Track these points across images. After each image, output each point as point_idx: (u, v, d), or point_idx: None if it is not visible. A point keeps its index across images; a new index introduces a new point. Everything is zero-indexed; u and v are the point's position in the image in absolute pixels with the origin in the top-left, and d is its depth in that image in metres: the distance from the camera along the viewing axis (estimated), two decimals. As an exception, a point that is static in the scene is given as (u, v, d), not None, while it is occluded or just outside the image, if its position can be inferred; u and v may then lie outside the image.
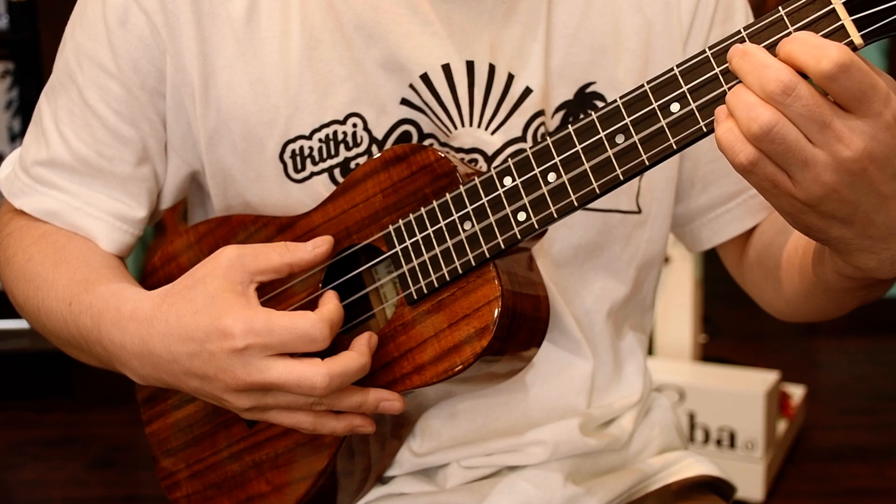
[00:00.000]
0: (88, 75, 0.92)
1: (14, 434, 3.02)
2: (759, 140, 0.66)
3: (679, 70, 0.72)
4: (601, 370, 1.01)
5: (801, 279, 0.90)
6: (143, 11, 0.89)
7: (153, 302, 0.83)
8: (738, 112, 0.67)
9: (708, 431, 2.52)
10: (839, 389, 3.31)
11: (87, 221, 0.95)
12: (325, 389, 0.77)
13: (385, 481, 0.98)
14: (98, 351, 0.88)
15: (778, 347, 3.68)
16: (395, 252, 0.85)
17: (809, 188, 0.67)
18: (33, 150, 0.97)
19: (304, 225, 0.90)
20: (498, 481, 0.96)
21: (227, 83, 0.89)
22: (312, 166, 0.91)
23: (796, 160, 0.66)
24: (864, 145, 0.65)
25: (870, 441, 2.92)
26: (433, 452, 0.96)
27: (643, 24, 0.94)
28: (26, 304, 0.95)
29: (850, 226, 0.70)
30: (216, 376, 0.79)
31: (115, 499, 2.69)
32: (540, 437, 0.97)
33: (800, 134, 0.66)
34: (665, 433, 1.07)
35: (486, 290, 0.81)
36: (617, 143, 0.75)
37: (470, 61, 0.90)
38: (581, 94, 0.94)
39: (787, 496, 2.60)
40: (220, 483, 0.94)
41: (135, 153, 0.95)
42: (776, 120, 0.65)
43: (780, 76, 0.65)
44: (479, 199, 0.81)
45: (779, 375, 2.60)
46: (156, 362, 0.82)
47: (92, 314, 0.87)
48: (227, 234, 0.95)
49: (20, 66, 3.19)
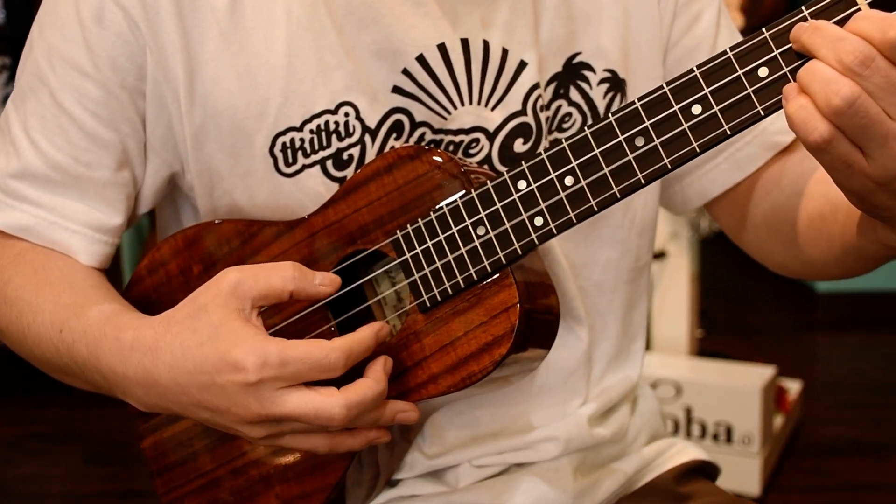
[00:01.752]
0: (62, 77, 0.88)
1: (12, 429, 3.03)
2: (839, 115, 0.64)
3: (700, 71, 0.72)
4: (607, 344, 1.01)
5: (830, 246, 0.90)
6: (120, 7, 0.86)
7: (155, 331, 0.80)
8: (814, 87, 0.65)
9: (704, 426, 2.53)
10: (836, 384, 3.31)
11: (64, 236, 0.91)
12: (343, 420, 0.75)
13: (394, 484, 0.97)
14: (97, 379, 0.85)
15: (774, 342, 3.69)
16: (405, 259, 0.83)
17: (886, 165, 0.66)
18: (2, 162, 0.92)
19: (304, 230, 0.87)
20: (510, 479, 0.96)
21: (213, 77, 0.87)
22: (304, 158, 0.89)
23: (877, 135, 0.65)
24: None
25: (867, 435, 2.92)
26: (444, 454, 0.95)
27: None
28: (9, 329, 0.91)
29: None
30: (228, 409, 0.76)
31: (114, 494, 2.69)
32: (551, 433, 0.97)
33: (880, 108, 0.64)
34: (652, 421, 1.08)
35: (503, 296, 0.79)
36: (637, 146, 0.74)
37: (464, 39, 0.89)
38: (569, 66, 0.94)
39: (783, 491, 2.61)
40: (226, 499, 0.92)
41: (114, 157, 0.91)
42: (858, 93, 0.64)
43: (857, 47, 0.64)
44: (493, 204, 0.79)
45: (775, 370, 2.61)
46: (162, 392, 0.79)
47: (87, 342, 0.84)
48: (220, 240, 0.91)
49: (16, 61, 3.18)
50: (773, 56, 0.70)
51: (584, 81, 0.94)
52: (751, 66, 0.70)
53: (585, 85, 0.94)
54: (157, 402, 0.81)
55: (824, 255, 0.92)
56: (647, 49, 0.97)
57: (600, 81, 0.95)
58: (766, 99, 0.70)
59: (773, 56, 0.70)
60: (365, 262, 0.88)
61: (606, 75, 0.95)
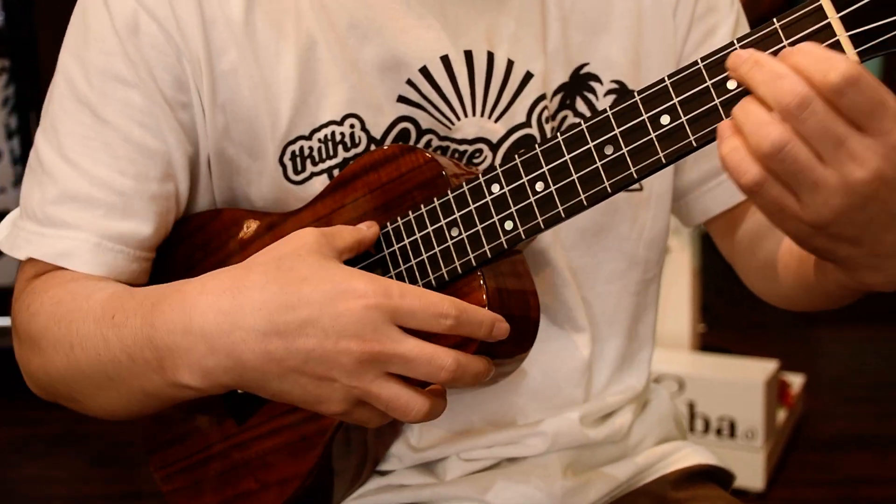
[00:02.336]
0: (104, 92, 0.87)
1: (16, 431, 3.03)
2: (768, 159, 0.63)
3: (670, 81, 0.71)
4: (610, 354, 1.01)
5: (797, 281, 0.90)
6: (154, 19, 0.87)
7: (234, 273, 0.75)
8: (747, 128, 0.63)
9: (708, 421, 2.53)
10: (839, 378, 3.31)
11: (108, 257, 0.88)
12: (450, 375, 0.72)
13: (384, 474, 0.98)
14: (146, 357, 0.76)
15: (777, 336, 3.68)
16: (383, 255, 0.84)
17: (818, 211, 0.64)
18: (37, 195, 0.89)
19: (294, 223, 0.89)
20: (498, 473, 0.96)
21: (232, 87, 0.88)
22: (312, 167, 0.90)
23: (807, 181, 0.63)
24: (876, 165, 0.62)
25: (870, 429, 2.92)
26: (433, 447, 0.96)
27: (634, 1, 0.95)
28: (56, 348, 0.83)
29: (859, 246, 0.67)
30: (335, 346, 0.71)
31: (117, 495, 2.69)
32: (540, 428, 0.97)
33: (811, 154, 0.62)
34: (663, 424, 1.07)
35: (472, 297, 0.79)
36: (606, 154, 0.73)
37: (468, 51, 0.90)
38: (576, 76, 0.94)
39: (787, 485, 2.61)
40: (209, 479, 0.94)
41: (160, 168, 0.89)
42: (788, 138, 0.62)
43: (796, 88, 0.61)
44: (467, 206, 0.80)
45: (778, 364, 2.61)
46: (238, 341, 0.72)
47: (143, 312, 0.77)
48: (220, 228, 0.93)
49: (16, 63, 3.18)
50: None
51: (591, 92, 0.94)
52: (720, 77, 0.69)
53: (592, 96, 0.94)
54: (222, 361, 0.73)
55: (795, 289, 0.92)
56: (660, 59, 0.96)
57: (607, 92, 0.95)
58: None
59: None
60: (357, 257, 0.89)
61: (614, 86, 0.95)
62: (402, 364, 0.72)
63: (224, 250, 0.94)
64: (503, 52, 0.90)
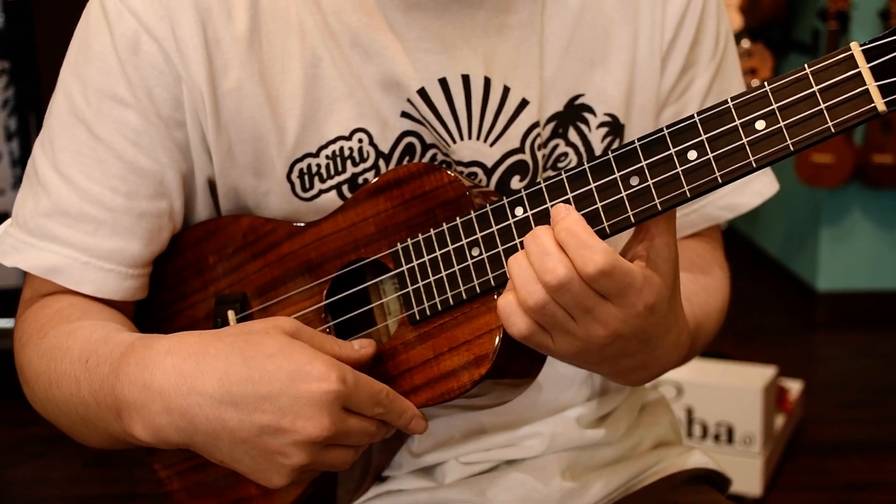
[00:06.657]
0: (100, 110, 0.88)
1: (12, 432, 3.02)
2: (532, 312, 0.73)
3: (700, 118, 0.72)
4: None
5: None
6: (154, 39, 0.87)
7: (201, 338, 0.77)
8: (516, 282, 0.73)
9: (706, 426, 2.53)
10: (837, 384, 3.31)
11: (98, 276, 0.89)
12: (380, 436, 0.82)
13: (383, 480, 0.99)
14: (108, 404, 0.80)
15: (775, 342, 3.68)
16: (402, 271, 0.84)
17: (566, 349, 0.76)
18: (30, 205, 0.91)
19: (314, 233, 0.89)
20: (496, 476, 0.97)
21: (236, 107, 0.89)
22: (321, 184, 0.91)
23: (560, 331, 0.75)
24: (615, 328, 0.74)
25: (868, 435, 2.92)
26: (431, 451, 0.97)
27: (632, 37, 0.95)
28: (37, 382, 0.88)
29: (602, 368, 0.81)
30: (292, 425, 0.74)
31: (113, 497, 2.69)
32: (537, 429, 0.97)
33: (566, 313, 0.73)
34: (660, 427, 1.08)
35: (488, 318, 0.80)
36: (631, 184, 0.74)
37: (465, 75, 0.90)
38: (570, 106, 0.94)
39: (785, 490, 2.61)
40: (209, 482, 0.94)
41: (151, 187, 0.90)
42: (548, 300, 0.72)
43: (557, 269, 0.71)
44: (489, 227, 0.80)
45: (776, 370, 2.61)
46: (192, 406, 0.75)
47: (112, 360, 0.80)
48: (236, 232, 0.93)
49: (16, 65, 3.19)
50: (770, 109, 0.70)
51: (584, 123, 0.95)
52: (749, 118, 0.70)
53: (584, 127, 0.95)
54: (175, 421, 0.76)
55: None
56: (649, 98, 0.97)
57: (600, 125, 0.95)
58: (760, 151, 0.70)
59: (772, 110, 0.70)
60: (373, 270, 0.90)
61: (606, 119, 0.95)
62: (344, 440, 0.78)
63: (238, 257, 0.93)
64: (499, 78, 0.91)
